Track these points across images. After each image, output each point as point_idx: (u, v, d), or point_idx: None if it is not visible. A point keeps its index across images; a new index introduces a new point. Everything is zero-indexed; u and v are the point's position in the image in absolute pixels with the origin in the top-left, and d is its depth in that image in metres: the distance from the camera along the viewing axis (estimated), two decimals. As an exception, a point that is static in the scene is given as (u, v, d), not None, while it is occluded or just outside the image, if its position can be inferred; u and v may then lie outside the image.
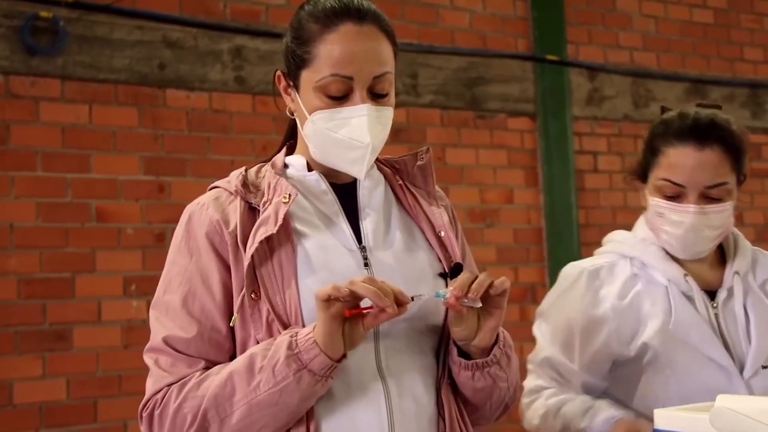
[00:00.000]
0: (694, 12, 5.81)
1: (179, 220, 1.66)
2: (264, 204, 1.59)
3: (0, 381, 3.69)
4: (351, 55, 1.57)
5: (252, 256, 1.53)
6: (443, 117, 4.82)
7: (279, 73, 1.68)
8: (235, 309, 1.55)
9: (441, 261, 1.67)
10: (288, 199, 1.57)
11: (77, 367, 3.83)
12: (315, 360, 1.45)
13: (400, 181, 1.73)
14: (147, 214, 4.04)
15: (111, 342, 3.89)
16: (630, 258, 2.08)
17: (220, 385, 1.49)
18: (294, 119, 1.71)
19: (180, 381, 1.53)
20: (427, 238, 1.69)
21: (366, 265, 1.60)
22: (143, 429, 1.57)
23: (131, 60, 4.05)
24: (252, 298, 1.53)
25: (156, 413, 1.53)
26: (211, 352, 1.56)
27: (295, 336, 1.47)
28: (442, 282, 1.65)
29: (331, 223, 1.63)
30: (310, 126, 1.61)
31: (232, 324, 1.55)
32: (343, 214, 1.65)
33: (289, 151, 1.73)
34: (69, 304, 3.85)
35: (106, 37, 4.01)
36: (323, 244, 1.59)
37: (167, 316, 1.58)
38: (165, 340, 1.56)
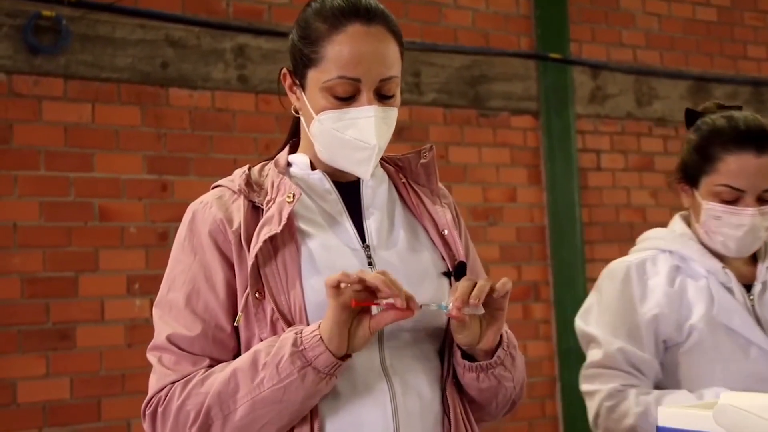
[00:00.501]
0: (697, 10, 5.80)
1: (182, 218, 1.66)
2: (267, 203, 1.59)
3: (4, 380, 3.70)
4: (359, 57, 1.56)
5: (256, 255, 1.53)
6: (446, 115, 4.82)
7: (285, 71, 1.67)
8: (240, 308, 1.54)
9: (445, 260, 1.67)
10: (292, 199, 1.57)
11: (80, 366, 3.83)
12: (320, 357, 1.44)
13: (403, 179, 1.73)
14: (150, 213, 4.04)
15: (114, 341, 3.90)
16: (669, 252, 2.17)
17: (223, 382, 1.49)
18: (298, 117, 1.70)
19: (183, 378, 1.53)
20: (431, 236, 1.69)
21: (370, 264, 1.60)
22: (146, 427, 1.56)
23: (134, 59, 4.05)
24: (256, 297, 1.53)
25: (159, 411, 1.53)
26: (215, 350, 1.56)
27: (300, 333, 1.47)
28: (446, 281, 1.65)
29: (335, 222, 1.63)
30: (316, 125, 1.61)
31: (236, 323, 1.55)
32: (347, 213, 1.65)
33: (292, 150, 1.73)
34: (72, 303, 3.85)
35: (108, 36, 4.01)
36: (327, 243, 1.59)
37: (171, 314, 1.58)
38: (169, 338, 1.56)
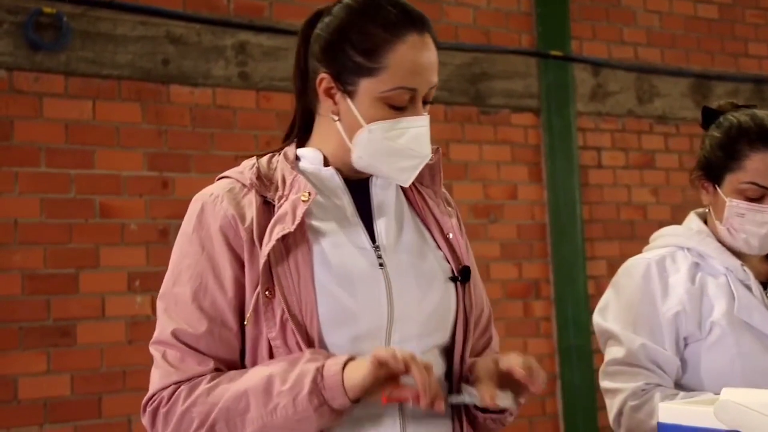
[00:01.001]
0: (698, 7, 5.80)
1: (188, 209, 1.64)
2: (279, 199, 1.57)
3: (4, 376, 3.70)
4: (419, 68, 1.57)
5: (268, 254, 1.51)
6: (447, 113, 4.81)
7: (324, 76, 1.60)
8: (251, 306, 1.53)
9: (449, 262, 1.68)
10: (307, 198, 1.56)
11: (81, 363, 3.83)
12: (337, 400, 1.45)
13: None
14: (151, 210, 4.04)
15: (115, 338, 3.90)
16: (687, 249, 2.16)
17: (233, 399, 1.48)
18: (308, 112, 1.67)
19: (189, 381, 1.52)
20: (436, 239, 1.69)
21: (381, 266, 1.59)
22: (146, 422, 1.56)
23: (135, 56, 4.05)
24: (266, 296, 1.51)
25: (162, 411, 1.52)
26: (221, 349, 1.55)
27: (321, 370, 1.46)
28: (452, 286, 1.66)
29: (346, 222, 1.62)
30: (365, 135, 1.58)
31: (246, 323, 1.54)
32: (357, 212, 1.64)
33: (300, 144, 1.69)
34: (73, 299, 3.85)
35: (109, 33, 4.01)
36: (338, 242, 1.58)
37: (176, 308, 1.56)
38: (174, 333, 1.55)
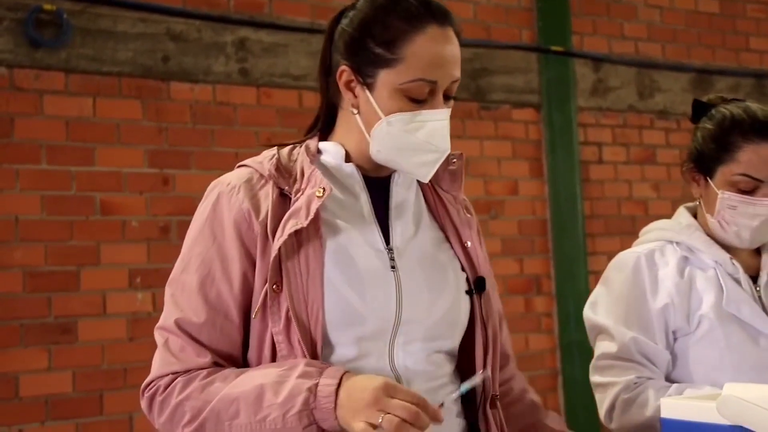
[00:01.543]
0: (699, 2, 5.79)
1: (204, 195, 1.63)
2: (296, 192, 1.57)
3: (6, 374, 3.70)
4: (439, 60, 1.55)
5: (279, 248, 1.51)
6: (448, 108, 4.80)
7: (344, 68, 1.60)
8: (259, 300, 1.53)
9: (465, 271, 1.67)
10: (322, 194, 1.54)
11: (83, 360, 3.83)
12: (327, 422, 1.43)
13: (429, 183, 1.70)
14: (151, 207, 4.04)
15: (116, 335, 3.90)
16: (676, 243, 2.16)
17: (224, 402, 1.48)
18: (332, 106, 1.66)
19: (187, 373, 1.53)
20: (453, 247, 1.68)
21: (393, 267, 1.58)
22: (143, 405, 1.58)
23: (135, 52, 4.05)
24: (273, 290, 1.51)
25: (158, 399, 1.54)
26: (222, 341, 1.55)
27: (314, 389, 1.43)
28: (466, 298, 1.65)
29: (362, 220, 1.61)
30: (384, 127, 1.57)
31: (253, 317, 1.54)
32: (374, 211, 1.63)
33: (323, 138, 1.68)
34: (74, 296, 3.85)
35: (109, 30, 4.00)
36: (352, 242, 1.57)
37: (182, 296, 1.57)
38: (177, 322, 1.55)
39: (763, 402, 1.43)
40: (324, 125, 1.69)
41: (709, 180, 2.11)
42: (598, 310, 2.15)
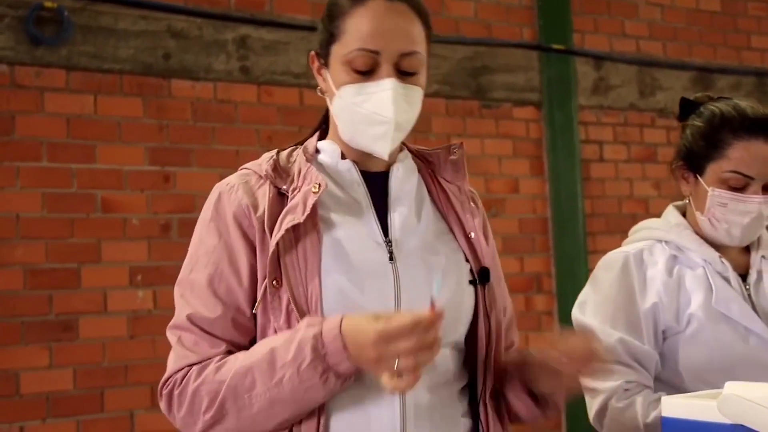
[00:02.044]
0: (700, 0, 5.79)
1: (207, 198, 1.65)
2: (293, 191, 1.59)
3: (7, 371, 3.70)
4: (379, 30, 1.57)
5: (277, 243, 1.53)
6: (448, 106, 4.81)
7: (312, 53, 1.67)
8: (259, 295, 1.54)
9: (469, 262, 1.66)
10: (318, 189, 1.56)
11: (83, 358, 3.83)
12: (341, 365, 1.44)
13: (432, 175, 1.72)
14: (152, 204, 4.04)
15: (117, 332, 3.90)
16: (665, 242, 2.15)
17: (239, 376, 1.49)
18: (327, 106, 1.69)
19: (201, 363, 1.54)
20: (456, 237, 1.68)
21: (391, 260, 1.58)
22: (163, 405, 1.57)
23: (136, 50, 4.05)
24: (273, 285, 1.53)
25: (176, 393, 1.54)
26: (235, 333, 1.56)
27: (320, 336, 1.45)
28: (470, 289, 1.64)
29: (359, 214, 1.62)
30: (337, 101, 1.61)
31: (254, 311, 1.55)
32: (372, 205, 1.63)
33: (322, 137, 1.72)
34: (75, 294, 3.85)
35: (110, 27, 4.00)
36: (349, 235, 1.58)
37: (192, 294, 1.58)
38: (189, 317, 1.56)
39: (764, 401, 1.43)
40: (323, 125, 1.73)
41: (699, 177, 2.11)
42: (585, 310, 2.14)
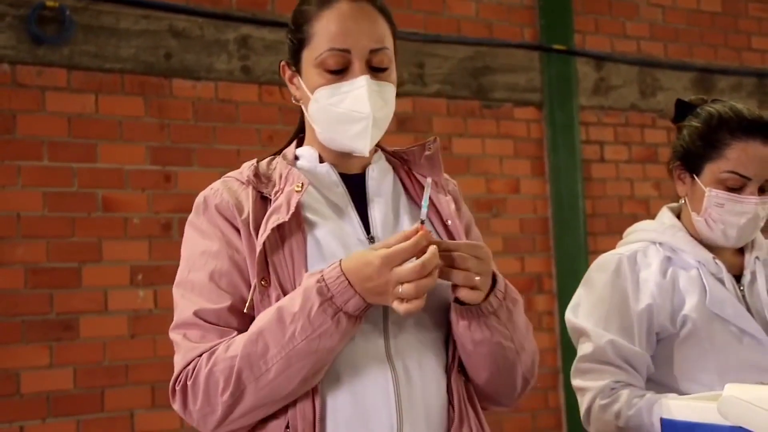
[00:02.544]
0: (701, 1, 5.79)
1: (193, 206, 1.67)
2: (276, 193, 1.61)
3: (7, 370, 3.71)
4: (347, 29, 1.61)
5: (264, 243, 1.54)
6: (449, 106, 4.81)
7: (283, 63, 1.71)
8: (249, 296, 1.56)
9: None
10: (301, 188, 1.59)
11: (84, 357, 3.83)
12: (350, 302, 1.47)
13: (407, 171, 1.75)
14: (153, 203, 4.04)
15: (118, 331, 3.90)
16: (659, 243, 2.15)
17: (250, 343, 1.50)
18: (303, 113, 1.72)
19: (209, 350, 1.54)
20: (435, 227, 1.70)
21: None
22: (177, 405, 1.57)
23: (137, 49, 4.05)
24: (262, 284, 1.54)
25: (189, 384, 1.54)
26: (241, 322, 1.56)
27: (323, 279, 1.48)
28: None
29: (341, 213, 1.65)
30: (313, 105, 1.64)
31: (246, 311, 1.56)
32: (353, 204, 1.67)
33: (300, 144, 1.75)
34: (76, 293, 3.85)
35: (112, 27, 4.01)
36: (333, 233, 1.60)
37: (194, 292, 1.59)
38: (196, 313, 1.57)
39: (764, 403, 1.43)
40: (299, 131, 1.77)
41: (696, 178, 2.11)
42: (578, 312, 2.15)
